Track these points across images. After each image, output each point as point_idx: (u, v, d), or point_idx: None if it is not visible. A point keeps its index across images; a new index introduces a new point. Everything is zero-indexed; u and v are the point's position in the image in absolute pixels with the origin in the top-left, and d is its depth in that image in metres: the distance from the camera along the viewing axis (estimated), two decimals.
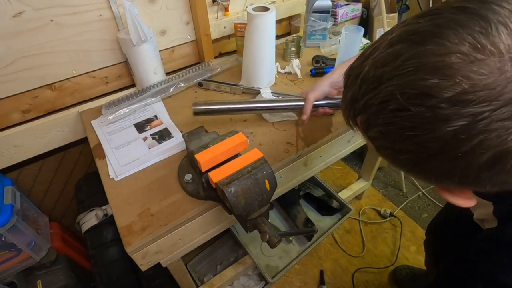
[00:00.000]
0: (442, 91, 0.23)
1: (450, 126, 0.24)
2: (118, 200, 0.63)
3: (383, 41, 0.29)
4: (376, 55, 0.28)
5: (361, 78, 0.29)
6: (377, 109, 0.28)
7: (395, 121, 0.27)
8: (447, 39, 0.24)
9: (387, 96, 0.26)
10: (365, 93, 0.29)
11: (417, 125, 0.25)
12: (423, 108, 0.24)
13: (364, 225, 1.39)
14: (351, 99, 0.31)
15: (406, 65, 0.25)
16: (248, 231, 0.59)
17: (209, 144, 0.59)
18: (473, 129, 0.23)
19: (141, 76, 0.88)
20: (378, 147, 0.32)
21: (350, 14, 1.37)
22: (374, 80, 0.28)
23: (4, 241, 0.80)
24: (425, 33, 0.25)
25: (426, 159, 0.27)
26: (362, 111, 0.30)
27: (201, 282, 1.11)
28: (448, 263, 0.77)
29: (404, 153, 0.28)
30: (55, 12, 0.73)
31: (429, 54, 0.24)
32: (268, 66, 0.88)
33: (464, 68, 0.23)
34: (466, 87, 0.23)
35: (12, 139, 0.80)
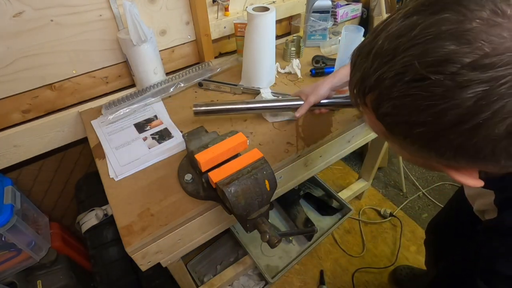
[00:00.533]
0: (463, 57, 0.23)
1: (470, 93, 0.23)
2: (118, 200, 0.63)
3: (396, 15, 0.28)
4: (390, 28, 0.28)
5: (373, 53, 0.29)
6: (392, 82, 0.27)
7: (412, 92, 0.26)
8: (467, 6, 0.23)
9: (403, 67, 0.26)
10: (378, 67, 0.28)
11: (436, 93, 0.25)
12: (442, 76, 0.24)
13: (364, 225, 1.39)
14: (362, 77, 0.30)
15: (424, 34, 0.25)
16: (248, 231, 0.59)
17: (209, 144, 0.59)
18: (494, 94, 0.23)
19: (141, 76, 0.88)
20: (389, 125, 0.31)
21: (350, 14, 1.37)
22: (388, 53, 0.27)
23: (4, 241, 0.80)
24: (442, 2, 0.25)
25: (443, 131, 0.26)
26: (373, 87, 0.29)
27: (201, 282, 1.11)
28: (448, 262, 0.77)
29: (420, 126, 0.27)
30: (55, 12, 0.73)
31: (448, 21, 0.24)
32: (268, 66, 0.88)
33: (484, 32, 0.23)
34: (488, 50, 0.22)
35: (12, 139, 0.80)
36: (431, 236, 0.97)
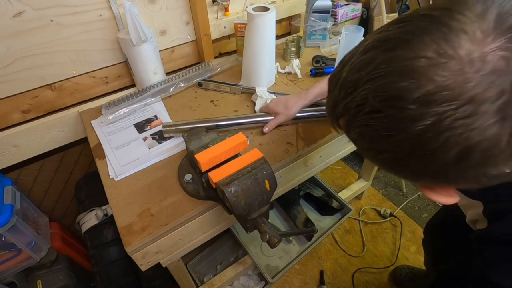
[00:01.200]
0: (410, 93, 0.25)
1: (418, 126, 0.25)
2: (118, 200, 0.63)
3: (359, 47, 0.31)
4: (353, 61, 0.30)
5: (340, 83, 0.32)
6: (355, 112, 0.30)
7: (371, 123, 0.29)
8: (414, 45, 0.26)
9: (362, 100, 0.28)
10: (344, 97, 0.31)
11: (390, 125, 0.27)
12: (394, 110, 0.26)
13: (364, 225, 1.39)
14: (333, 103, 0.33)
15: (379, 70, 0.27)
16: (248, 231, 0.59)
17: (209, 144, 0.59)
18: (439, 127, 0.25)
19: (141, 76, 0.88)
20: (360, 148, 0.34)
21: (350, 14, 1.37)
22: (351, 85, 0.30)
23: (4, 241, 0.80)
24: (395, 40, 0.27)
25: (401, 158, 0.29)
26: (342, 114, 0.32)
27: (201, 282, 1.11)
28: (447, 266, 0.77)
29: (382, 153, 0.30)
30: (55, 12, 0.73)
31: (398, 59, 0.26)
32: (268, 66, 0.88)
33: (428, 71, 0.25)
34: (430, 88, 0.24)
35: (12, 139, 0.80)
36: (428, 236, 0.98)
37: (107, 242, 0.90)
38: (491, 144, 0.24)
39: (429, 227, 0.97)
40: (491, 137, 0.24)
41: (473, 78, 0.23)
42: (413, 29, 0.27)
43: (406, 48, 0.26)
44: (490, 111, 0.23)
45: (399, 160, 0.29)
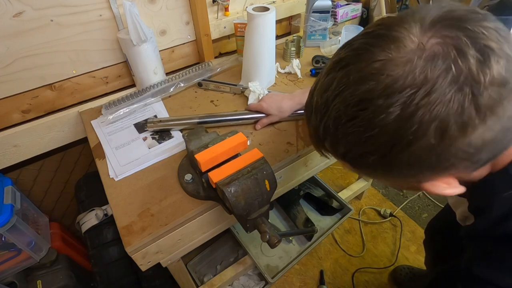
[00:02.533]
0: (373, 92, 0.29)
1: (391, 116, 0.28)
2: (118, 200, 0.63)
3: (321, 75, 0.35)
4: (318, 86, 0.35)
5: (314, 108, 0.35)
6: (334, 127, 0.32)
7: (351, 130, 0.31)
8: (365, 57, 0.30)
9: (337, 113, 0.32)
10: (321, 119, 0.34)
11: (368, 126, 0.30)
12: (366, 111, 0.29)
13: (364, 225, 1.39)
14: (314, 130, 0.36)
15: (340, 85, 0.31)
16: (248, 231, 0.59)
17: (209, 144, 0.59)
18: (408, 112, 0.27)
19: (141, 76, 0.88)
20: (351, 161, 0.36)
21: (350, 14, 1.37)
22: (323, 106, 0.33)
23: (4, 241, 0.80)
24: (347, 58, 0.32)
25: (390, 154, 0.30)
26: (325, 135, 0.34)
27: (201, 282, 1.11)
28: (445, 266, 0.77)
29: (371, 155, 0.32)
30: (55, 12, 0.73)
31: (354, 71, 0.30)
32: (268, 66, 0.88)
33: (382, 70, 0.28)
34: (388, 81, 0.28)
35: (12, 139, 0.80)
36: (429, 236, 0.98)
37: (107, 242, 0.90)
38: (458, 112, 0.27)
39: (430, 227, 0.97)
40: (456, 106, 0.27)
41: (419, 64, 0.27)
42: (358, 46, 0.31)
43: (358, 60, 0.30)
44: (444, 85, 0.26)
45: (388, 156, 0.31)
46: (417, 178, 0.33)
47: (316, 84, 0.36)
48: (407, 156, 0.30)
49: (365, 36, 0.32)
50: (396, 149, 0.30)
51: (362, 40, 0.32)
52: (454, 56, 0.27)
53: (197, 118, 0.77)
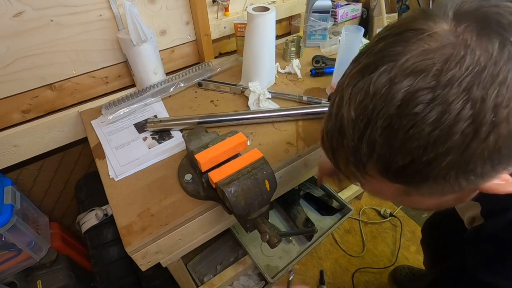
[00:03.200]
0: (421, 85, 0.25)
1: (458, 105, 0.24)
2: (118, 200, 0.63)
3: (341, 94, 0.30)
4: (344, 103, 0.29)
5: (345, 126, 0.29)
6: (385, 137, 0.27)
7: (413, 133, 0.26)
8: (399, 52, 0.26)
9: (386, 120, 0.26)
10: (361, 135, 0.28)
11: (435, 120, 0.25)
12: (422, 106, 0.25)
13: (364, 225, 1.39)
14: (350, 153, 0.30)
15: (382, 87, 0.26)
16: (248, 231, 0.59)
17: (209, 144, 0.59)
18: (478, 96, 0.24)
19: (141, 76, 0.88)
20: (410, 176, 0.29)
21: (350, 14, 1.37)
22: (361, 118, 0.28)
23: (4, 241, 0.80)
24: (375, 61, 0.28)
25: (467, 149, 0.25)
26: (369, 153, 0.28)
27: (201, 282, 1.11)
28: (446, 265, 0.77)
29: (445, 156, 0.26)
30: (55, 12, 0.73)
31: (395, 68, 0.26)
32: (268, 66, 0.88)
33: (430, 59, 0.25)
34: (440, 67, 0.25)
35: (12, 139, 0.80)
36: (426, 236, 0.97)
37: (107, 242, 0.90)
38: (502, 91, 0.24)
39: (427, 227, 0.97)
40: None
41: (463, 53, 0.24)
42: (383, 47, 0.28)
43: (393, 59, 0.26)
44: (506, 63, 0.24)
45: (466, 151, 0.26)
46: (488, 177, 0.29)
47: (337, 104, 0.30)
48: (486, 146, 0.25)
49: (383, 39, 0.28)
50: (476, 139, 0.25)
51: (383, 42, 0.28)
52: (497, 32, 0.24)
53: (197, 118, 0.77)
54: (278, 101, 0.87)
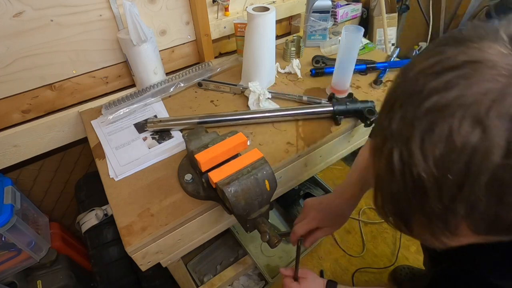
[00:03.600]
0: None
1: None
2: (118, 200, 0.63)
3: (402, 146, 0.25)
4: (416, 160, 0.24)
5: (426, 190, 0.24)
6: (493, 193, 0.22)
7: None
8: (469, 93, 0.23)
9: (491, 173, 0.22)
10: (454, 195, 0.23)
11: None
12: None
13: (364, 225, 1.39)
14: (437, 217, 0.25)
15: (470, 136, 0.22)
16: (248, 231, 0.59)
17: (209, 144, 0.59)
18: None
19: (141, 76, 0.88)
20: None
21: (350, 14, 1.37)
22: (450, 177, 0.23)
23: (4, 241, 0.80)
24: (444, 106, 0.24)
25: None
26: (467, 214, 0.24)
27: (201, 282, 1.11)
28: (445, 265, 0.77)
29: None
30: (55, 12, 0.73)
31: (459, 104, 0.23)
32: (268, 66, 0.88)
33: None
34: None
35: (12, 139, 0.80)
36: None
37: (107, 242, 0.90)
38: None
39: None
40: None
41: None
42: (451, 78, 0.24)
43: (436, 77, 0.24)
44: None
45: None
46: None
47: (392, 158, 0.25)
48: None
49: (438, 76, 0.24)
50: None
51: (439, 79, 0.24)
52: None
53: (197, 118, 0.77)
54: (278, 101, 0.87)
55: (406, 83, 0.27)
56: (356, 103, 0.78)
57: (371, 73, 0.98)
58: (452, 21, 1.92)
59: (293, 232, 0.69)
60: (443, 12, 1.84)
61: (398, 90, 0.28)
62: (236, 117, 0.78)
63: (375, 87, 0.92)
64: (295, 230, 0.68)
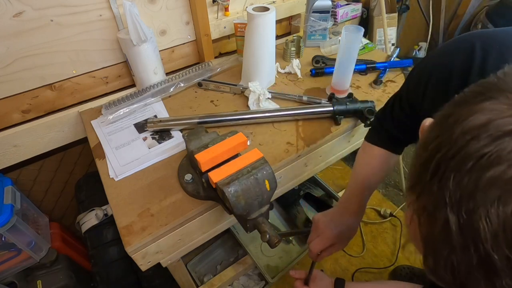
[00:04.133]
0: None
1: None
2: (118, 200, 0.63)
3: (471, 221, 0.22)
4: (483, 237, 0.21)
5: (497, 269, 0.21)
6: None
7: None
8: None
9: None
10: None
11: None
12: None
13: (364, 225, 1.39)
14: None
15: None
16: (248, 231, 0.59)
17: (209, 144, 0.59)
18: None
19: (141, 76, 0.88)
20: None
21: (350, 14, 1.37)
22: None
23: (4, 241, 0.80)
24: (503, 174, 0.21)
25: None
26: None
27: (201, 282, 1.11)
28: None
29: None
30: (55, 12, 0.73)
31: None
32: (268, 66, 0.88)
33: None
34: None
35: (12, 139, 0.80)
36: None
37: (107, 242, 0.90)
38: None
39: None
40: None
41: None
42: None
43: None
44: None
45: None
46: None
47: (451, 231, 0.23)
48: None
49: None
50: None
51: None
52: None
53: (197, 118, 0.77)
54: (278, 101, 0.87)
55: (452, 144, 0.24)
56: (356, 103, 0.78)
57: (371, 73, 0.98)
58: (452, 21, 1.92)
59: (310, 251, 0.71)
60: (443, 12, 1.84)
61: (442, 149, 0.25)
62: (236, 117, 0.78)
63: (375, 87, 0.92)
64: (312, 249, 0.70)
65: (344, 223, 0.68)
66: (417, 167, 0.27)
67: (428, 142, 0.27)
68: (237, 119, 0.78)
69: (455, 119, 0.25)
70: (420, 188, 0.26)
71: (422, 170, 0.26)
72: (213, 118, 0.77)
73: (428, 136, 0.27)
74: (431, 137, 0.27)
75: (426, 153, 0.26)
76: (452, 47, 0.46)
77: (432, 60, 0.50)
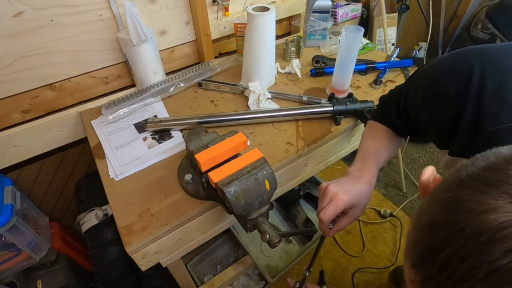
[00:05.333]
0: None
1: None
2: (118, 200, 0.63)
3: None
4: None
5: None
6: None
7: None
8: None
9: None
10: None
11: None
12: None
13: (364, 225, 1.39)
14: None
15: None
16: (248, 231, 0.59)
17: (209, 144, 0.59)
18: None
19: (141, 76, 0.88)
20: None
21: (350, 14, 1.37)
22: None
23: (4, 241, 0.80)
24: None
25: None
26: None
27: (201, 282, 1.11)
28: None
29: None
30: (55, 12, 0.73)
31: None
32: (268, 66, 0.88)
33: None
34: None
35: (12, 139, 0.80)
36: None
37: (107, 242, 0.90)
38: None
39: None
40: None
41: None
42: None
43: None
44: None
45: None
46: None
47: None
48: None
49: None
50: None
51: None
52: None
53: (197, 118, 0.77)
54: (278, 101, 0.87)
55: (463, 245, 0.23)
56: (356, 103, 0.78)
57: (371, 73, 0.98)
58: (452, 21, 1.92)
59: (321, 221, 0.61)
60: (443, 12, 1.84)
61: (452, 245, 0.23)
62: (236, 117, 0.78)
63: (375, 87, 0.92)
64: (322, 218, 0.60)
65: (357, 192, 0.63)
66: (420, 247, 0.26)
67: (436, 223, 0.25)
68: (237, 119, 0.78)
69: (466, 209, 0.24)
70: (424, 276, 0.25)
71: (427, 255, 0.25)
72: (213, 118, 0.77)
73: (436, 214, 0.26)
74: (439, 220, 0.25)
75: (434, 237, 0.25)
76: (451, 67, 0.47)
77: (431, 77, 0.50)
